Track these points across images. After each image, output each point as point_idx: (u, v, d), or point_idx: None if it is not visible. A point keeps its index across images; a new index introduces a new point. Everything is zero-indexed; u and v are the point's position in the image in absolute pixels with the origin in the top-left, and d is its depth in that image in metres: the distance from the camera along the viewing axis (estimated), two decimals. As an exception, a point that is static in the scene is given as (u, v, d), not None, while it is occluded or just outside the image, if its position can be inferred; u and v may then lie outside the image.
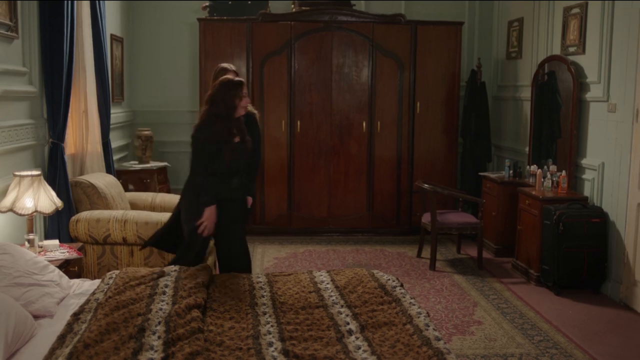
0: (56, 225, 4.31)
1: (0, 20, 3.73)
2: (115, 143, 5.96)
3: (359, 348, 2.47)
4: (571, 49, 5.32)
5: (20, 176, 3.61)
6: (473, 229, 5.55)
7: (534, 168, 5.52)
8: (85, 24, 4.92)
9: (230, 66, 4.18)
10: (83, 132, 4.98)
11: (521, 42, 6.38)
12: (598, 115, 4.96)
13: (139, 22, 6.99)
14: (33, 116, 4.24)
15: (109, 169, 5.36)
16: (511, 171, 5.89)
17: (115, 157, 5.95)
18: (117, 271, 3.36)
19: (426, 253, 5.79)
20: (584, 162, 5.10)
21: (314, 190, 6.57)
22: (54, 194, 3.79)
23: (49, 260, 3.45)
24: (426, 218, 5.65)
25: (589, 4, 5.07)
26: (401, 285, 3.19)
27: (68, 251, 3.77)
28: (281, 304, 2.96)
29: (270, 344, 2.49)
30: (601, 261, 4.76)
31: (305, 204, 6.58)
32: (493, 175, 6.05)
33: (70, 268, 3.72)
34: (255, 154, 3.95)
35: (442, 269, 5.49)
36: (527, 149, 5.99)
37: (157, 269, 3.31)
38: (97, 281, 3.35)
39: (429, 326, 2.62)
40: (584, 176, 5.11)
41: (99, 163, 5.14)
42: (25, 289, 2.86)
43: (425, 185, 5.59)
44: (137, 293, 2.93)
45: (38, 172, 3.71)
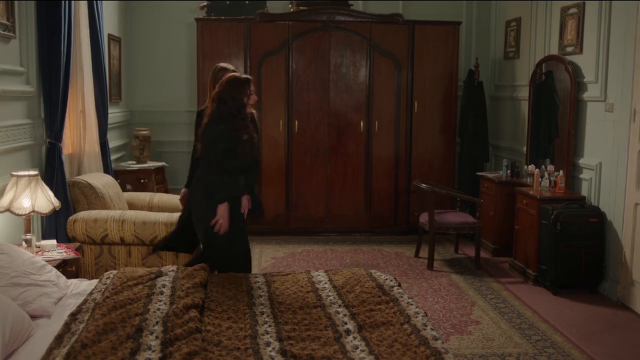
0: (54, 225, 4.30)
1: (-3, 20, 3.73)
2: (112, 143, 5.95)
3: (357, 348, 2.47)
4: (569, 49, 5.33)
5: (18, 176, 3.61)
6: (471, 229, 5.56)
7: (531, 168, 5.52)
8: (83, 23, 4.92)
9: (229, 66, 4.16)
10: (80, 132, 4.97)
11: (519, 42, 6.38)
12: (595, 115, 4.97)
13: (136, 22, 6.98)
14: (30, 116, 4.24)
15: (107, 169, 5.35)
16: (509, 171, 5.89)
17: (113, 157, 5.95)
18: (115, 271, 3.36)
19: (424, 253, 5.79)
20: (582, 162, 5.11)
21: (311, 190, 6.57)
22: (51, 194, 3.78)
23: (47, 260, 3.45)
24: (424, 218, 5.65)
25: (587, 4, 5.08)
26: (399, 285, 3.19)
27: (65, 251, 3.77)
28: (279, 304, 2.96)
29: (268, 344, 2.49)
30: (599, 261, 4.76)
31: (303, 203, 6.58)
32: (491, 175, 6.05)
33: (67, 268, 3.71)
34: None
35: (440, 268, 5.50)
36: (525, 148, 5.99)
37: (155, 269, 3.31)
38: (95, 281, 3.35)
39: (426, 326, 2.62)
40: (582, 176, 5.12)
41: (96, 163, 5.13)
42: (23, 289, 2.86)
43: (423, 185, 5.59)
44: (135, 293, 2.93)
45: (35, 172, 3.70)
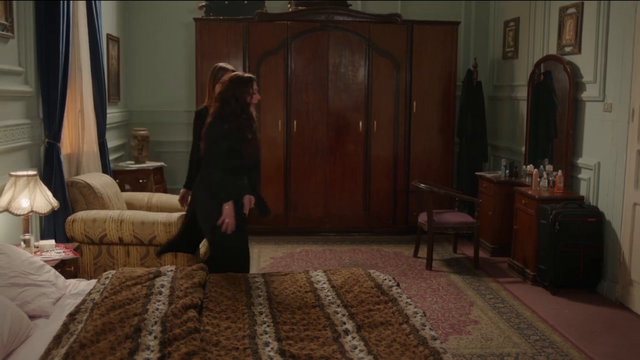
0: (52, 225, 4.30)
1: (-5, 20, 3.72)
2: (111, 143, 5.95)
3: (356, 348, 2.47)
4: (567, 49, 5.34)
5: (16, 176, 3.60)
6: (469, 229, 5.56)
7: (530, 168, 5.52)
8: (81, 23, 4.91)
9: (228, 65, 4.14)
10: (79, 132, 4.97)
11: (517, 42, 6.39)
12: (594, 115, 4.97)
13: (135, 22, 6.98)
14: (29, 116, 4.23)
15: (105, 169, 5.34)
16: (507, 171, 5.90)
17: (112, 157, 5.94)
18: (114, 271, 3.35)
19: (422, 253, 5.79)
20: (580, 162, 5.12)
21: (310, 190, 6.57)
22: (50, 194, 3.78)
23: (45, 261, 3.44)
24: (422, 218, 5.65)
25: (585, 4, 5.08)
26: (397, 285, 3.19)
27: (64, 251, 3.76)
28: (277, 304, 2.95)
29: (267, 344, 2.48)
30: (597, 261, 4.77)
31: (302, 203, 6.58)
32: (489, 174, 6.05)
33: (66, 268, 3.71)
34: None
35: (439, 268, 5.50)
36: (523, 148, 6.00)
37: (154, 269, 3.31)
38: (93, 281, 3.35)
39: (425, 326, 2.62)
40: (580, 176, 5.12)
41: (95, 163, 5.13)
42: (21, 289, 2.85)
43: (422, 184, 5.59)
44: (134, 293, 2.92)
45: (34, 172, 3.70)
